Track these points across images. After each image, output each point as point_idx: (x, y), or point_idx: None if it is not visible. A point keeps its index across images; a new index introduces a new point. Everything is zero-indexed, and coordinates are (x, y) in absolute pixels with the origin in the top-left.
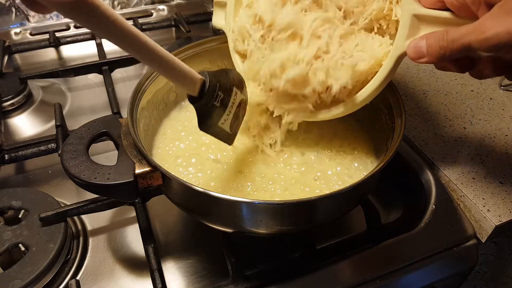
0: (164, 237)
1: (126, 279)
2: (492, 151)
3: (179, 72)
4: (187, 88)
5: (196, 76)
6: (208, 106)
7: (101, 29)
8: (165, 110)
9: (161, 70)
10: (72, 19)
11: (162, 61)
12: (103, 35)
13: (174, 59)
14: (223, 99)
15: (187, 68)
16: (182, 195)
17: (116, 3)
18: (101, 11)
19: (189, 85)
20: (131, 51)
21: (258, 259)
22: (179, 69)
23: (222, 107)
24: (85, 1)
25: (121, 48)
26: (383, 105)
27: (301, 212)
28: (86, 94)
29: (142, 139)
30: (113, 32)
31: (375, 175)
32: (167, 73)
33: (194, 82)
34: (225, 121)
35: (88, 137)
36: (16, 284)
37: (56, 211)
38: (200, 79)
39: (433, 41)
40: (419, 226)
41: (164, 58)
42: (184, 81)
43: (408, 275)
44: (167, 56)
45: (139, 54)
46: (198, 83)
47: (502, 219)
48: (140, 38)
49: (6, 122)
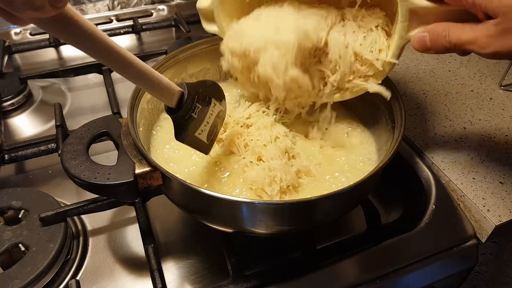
0: (164, 237)
1: (126, 279)
2: (492, 151)
3: (157, 85)
4: (165, 100)
5: (174, 88)
6: (186, 117)
7: (79, 43)
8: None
9: (138, 82)
10: (50, 32)
11: (140, 74)
12: (80, 48)
13: (152, 72)
14: (201, 111)
15: (165, 80)
16: (182, 195)
17: (116, 3)
18: (79, 25)
19: (167, 97)
20: (109, 64)
21: (258, 259)
22: (157, 82)
23: (200, 118)
24: (63, 16)
25: (99, 60)
26: (383, 105)
27: (301, 212)
28: (86, 94)
29: (142, 139)
30: (90, 45)
31: (375, 175)
32: (144, 85)
33: (172, 94)
34: (202, 131)
35: (88, 137)
36: (16, 284)
37: (56, 211)
38: (178, 91)
39: (436, 37)
40: (419, 226)
41: (142, 71)
42: (162, 93)
43: (408, 275)
44: (145, 69)
45: (116, 67)
46: (176, 95)
47: (502, 219)
48: (118, 52)
49: (6, 122)
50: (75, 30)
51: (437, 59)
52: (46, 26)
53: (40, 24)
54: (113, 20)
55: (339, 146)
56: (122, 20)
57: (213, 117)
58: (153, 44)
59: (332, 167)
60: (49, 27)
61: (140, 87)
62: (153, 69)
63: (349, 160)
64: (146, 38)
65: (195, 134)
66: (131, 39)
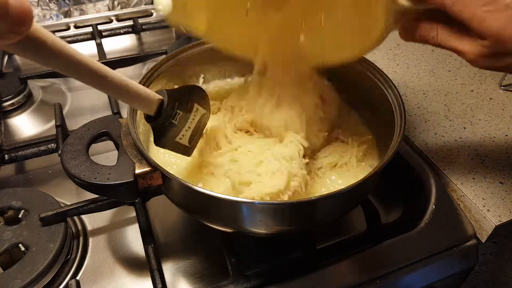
0: (164, 237)
1: (126, 279)
2: (492, 151)
3: (134, 96)
4: (143, 109)
5: (152, 97)
6: (165, 124)
7: (48, 63)
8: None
9: (114, 94)
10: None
11: (115, 86)
12: (51, 67)
13: (127, 83)
14: (182, 117)
15: (143, 90)
16: (182, 195)
17: (116, 3)
18: (49, 45)
19: (145, 106)
20: (80, 78)
21: (258, 259)
22: (133, 93)
23: (181, 124)
24: (29, 39)
25: (70, 76)
26: (383, 105)
27: (301, 212)
28: (86, 94)
29: (142, 139)
30: (60, 64)
31: (375, 175)
32: (121, 97)
33: (151, 103)
34: (183, 136)
35: (88, 137)
36: (16, 284)
37: (56, 211)
38: (158, 99)
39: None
40: (419, 226)
41: (116, 83)
42: (140, 103)
43: (408, 275)
44: (120, 81)
45: (89, 81)
46: (155, 104)
47: (502, 219)
48: (90, 67)
49: (6, 122)
50: (44, 51)
51: (437, 59)
52: (14, 50)
53: (8, 48)
54: (113, 20)
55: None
56: (122, 20)
57: (195, 121)
58: (153, 44)
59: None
60: (16, 51)
61: (117, 98)
62: (129, 80)
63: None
64: (146, 38)
65: (175, 139)
66: (131, 39)
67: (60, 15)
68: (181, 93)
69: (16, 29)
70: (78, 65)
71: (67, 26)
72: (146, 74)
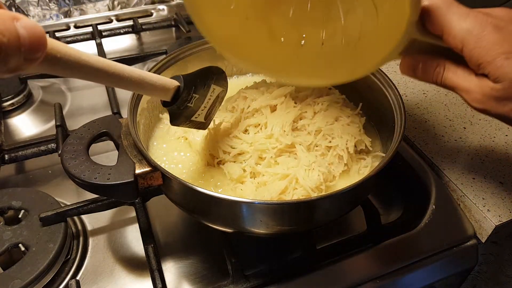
0: (164, 237)
1: (126, 279)
2: (492, 151)
3: (150, 87)
4: (160, 97)
5: (168, 84)
6: (181, 108)
7: (67, 74)
8: (166, 109)
9: (131, 89)
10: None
11: (132, 82)
12: (69, 76)
13: (144, 79)
14: (198, 99)
15: (159, 80)
16: (182, 195)
17: (116, 3)
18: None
19: (162, 94)
20: (99, 81)
21: (258, 259)
22: (150, 84)
23: (197, 106)
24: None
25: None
26: (383, 105)
27: (301, 212)
28: (86, 94)
29: (142, 139)
30: (78, 73)
31: (375, 175)
32: (138, 90)
33: (167, 91)
34: (199, 115)
35: (88, 137)
36: (16, 284)
37: (56, 211)
38: (174, 87)
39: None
40: (419, 226)
41: (134, 80)
42: (156, 93)
43: (408, 275)
44: (136, 77)
45: (107, 83)
46: (171, 91)
47: (502, 219)
48: (107, 70)
49: (6, 122)
50: (61, 65)
51: None
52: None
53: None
54: (113, 20)
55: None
56: (122, 20)
57: (211, 100)
58: (153, 44)
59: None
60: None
61: (134, 91)
62: (144, 73)
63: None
64: (146, 38)
65: (191, 119)
66: (131, 39)
67: (60, 15)
68: (198, 76)
69: (31, 57)
70: (94, 71)
71: (67, 26)
72: None
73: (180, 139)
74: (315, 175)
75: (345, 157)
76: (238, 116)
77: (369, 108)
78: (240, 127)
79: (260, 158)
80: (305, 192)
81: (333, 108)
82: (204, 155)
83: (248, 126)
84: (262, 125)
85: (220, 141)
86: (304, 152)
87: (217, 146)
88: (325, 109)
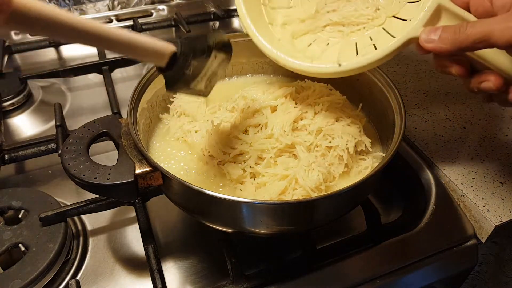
0: (164, 237)
1: (126, 279)
2: (492, 151)
3: (141, 51)
4: (153, 62)
5: (164, 49)
6: (178, 75)
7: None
8: (166, 109)
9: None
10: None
11: (120, 44)
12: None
13: (130, 37)
14: (196, 67)
15: (152, 44)
16: (182, 195)
17: (116, 3)
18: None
19: (155, 59)
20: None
21: (258, 259)
22: (141, 48)
23: (195, 73)
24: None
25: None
26: (383, 106)
27: (301, 212)
28: (86, 94)
29: (142, 139)
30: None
31: (375, 175)
32: (126, 53)
33: (161, 55)
34: (198, 82)
35: (88, 137)
36: (16, 284)
37: (56, 211)
38: (170, 52)
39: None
40: (419, 226)
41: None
42: (147, 57)
43: (408, 275)
44: (123, 36)
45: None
46: (166, 56)
47: (502, 219)
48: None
49: (6, 122)
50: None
51: None
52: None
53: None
54: (113, 20)
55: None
56: (122, 20)
57: (212, 68)
58: None
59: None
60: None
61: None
62: (136, 34)
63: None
64: None
65: (190, 86)
66: None
67: None
68: (198, 41)
69: None
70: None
71: None
72: (146, 74)
73: (179, 140)
74: (315, 175)
75: (345, 157)
76: (238, 116)
77: (369, 109)
78: (240, 127)
79: (259, 158)
80: (305, 193)
81: (334, 108)
82: (204, 156)
83: (248, 126)
84: (262, 125)
85: (219, 142)
86: (304, 152)
87: (217, 146)
88: (326, 110)
